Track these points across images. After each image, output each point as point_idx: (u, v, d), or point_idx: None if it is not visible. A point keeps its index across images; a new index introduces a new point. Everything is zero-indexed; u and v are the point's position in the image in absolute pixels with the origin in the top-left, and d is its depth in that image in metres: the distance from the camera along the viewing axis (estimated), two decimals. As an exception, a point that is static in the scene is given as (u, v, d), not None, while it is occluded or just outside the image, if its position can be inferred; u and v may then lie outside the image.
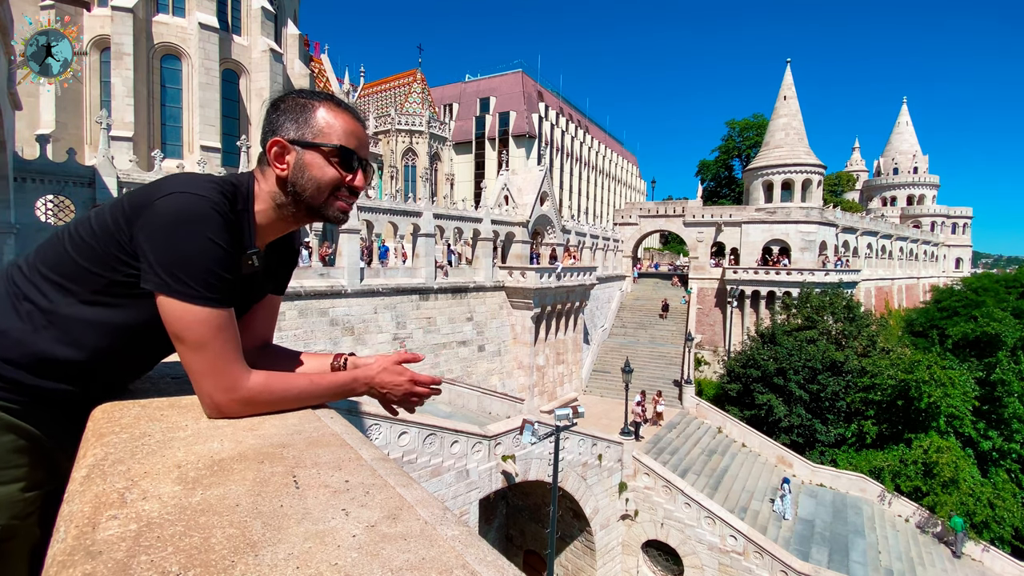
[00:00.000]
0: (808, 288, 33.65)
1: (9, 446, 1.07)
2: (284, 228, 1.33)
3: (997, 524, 21.76)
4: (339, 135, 1.22)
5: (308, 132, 1.22)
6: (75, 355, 1.11)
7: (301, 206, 1.25)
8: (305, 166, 1.22)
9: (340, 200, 1.27)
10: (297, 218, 1.29)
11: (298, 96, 1.26)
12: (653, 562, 19.39)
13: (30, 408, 1.10)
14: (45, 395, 1.11)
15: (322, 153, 1.21)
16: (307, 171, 1.22)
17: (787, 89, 44.06)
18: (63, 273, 1.10)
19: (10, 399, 1.08)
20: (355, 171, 1.26)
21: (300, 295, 17.43)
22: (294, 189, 1.23)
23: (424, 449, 12.76)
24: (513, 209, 28.74)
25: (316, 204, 1.25)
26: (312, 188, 1.23)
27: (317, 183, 1.22)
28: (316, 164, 1.22)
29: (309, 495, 0.84)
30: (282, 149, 1.22)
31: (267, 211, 1.26)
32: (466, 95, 63.72)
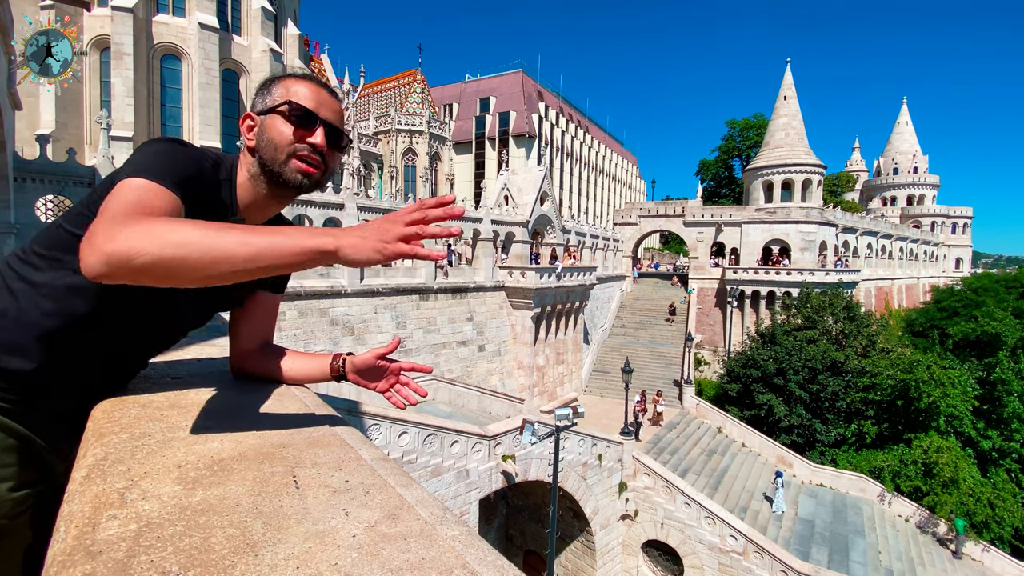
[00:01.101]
0: (808, 288, 33.66)
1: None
2: (266, 207, 1.32)
3: (997, 524, 21.75)
4: (298, 97, 1.23)
5: (269, 100, 1.24)
6: (67, 326, 1.10)
7: (266, 173, 1.25)
8: (265, 130, 1.23)
9: (300, 160, 1.23)
10: (269, 189, 1.27)
11: (271, 76, 1.31)
12: (653, 562, 19.39)
13: (23, 406, 1.10)
14: (39, 386, 1.11)
15: (280, 114, 1.22)
16: (266, 134, 1.23)
17: (787, 89, 44.06)
18: (56, 247, 1.11)
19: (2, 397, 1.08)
20: (313, 129, 1.24)
21: (300, 295, 17.44)
22: (259, 156, 1.24)
23: (424, 449, 12.76)
24: (513, 209, 28.74)
25: (275, 167, 1.23)
26: (270, 149, 1.23)
27: (274, 144, 1.22)
28: (274, 126, 1.22)
29: (309, 495, 0.84)
30: (251, 122, 1.26)
31: (245, 184, 1.27)
32: (466, 95, 63.73)
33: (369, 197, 22.78)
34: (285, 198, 1.33)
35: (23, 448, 1.11)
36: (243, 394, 1.33)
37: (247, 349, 1.47)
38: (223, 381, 1.43)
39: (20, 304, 1.08)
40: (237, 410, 1.22)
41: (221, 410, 1.21)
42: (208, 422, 1.11)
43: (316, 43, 54.75)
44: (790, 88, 44.02)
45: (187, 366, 1.56)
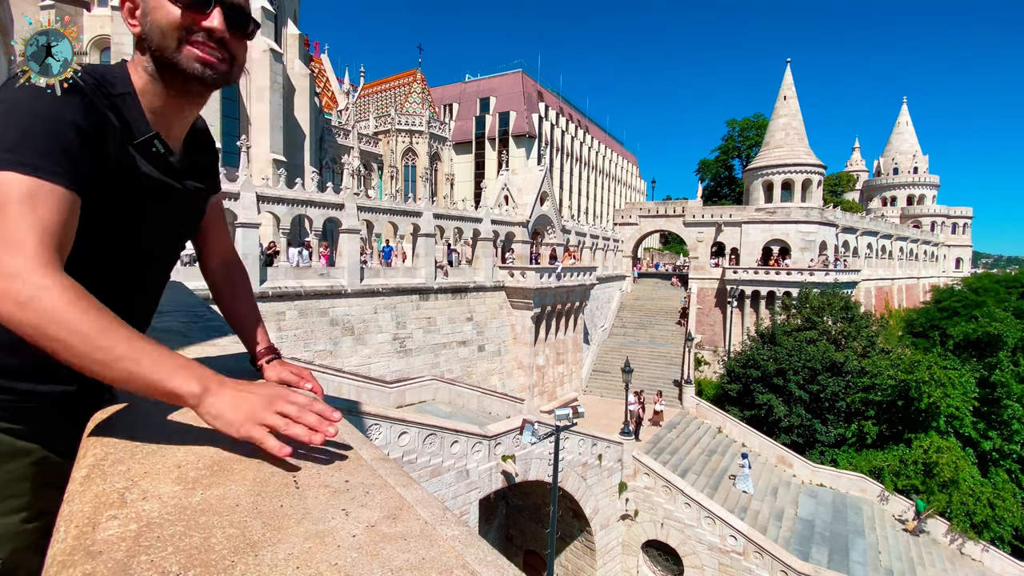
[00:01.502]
0: (807, 288, 33.67)
1: (10, 475, 1.00)
2: (179, 106, 1.12)
3: (997, 524, 21.77)
4: None
5: None
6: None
7: (161, 66, 1.04)
8: (149, 11, 1.02)
9: (194, 47, 1.03)
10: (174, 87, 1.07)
11: None
12: (653, 562, 19.39)
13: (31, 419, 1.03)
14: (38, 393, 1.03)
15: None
16: (149, 16, 1.02)
17: (787, 89, 44.06)
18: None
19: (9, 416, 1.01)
20: (207, 11, 1.03)
21: (300, 295, 17.43)
22: (148, 45, 1.04)
23: (424, 449, 12.76)
24: (513, 209, 28.74)
25: (167, 56, 1.03)
26: (157, 34, 1.02)
27: (159, 27, 1.01)
28: (158, 6, 1.01)
29: (309, 495, 0.84)
30: (132, 4, 1.04)
31: (148, 87, 1.07)
32: (466, 95, 63.74)
33: (369, 197, 22.78)
34: (198, 96, 1.12)
35: (39, 473, 1.03)
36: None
37: (210, 267, 1.49)
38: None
39: None
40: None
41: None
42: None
43: (316, 43, 54.79)
44: (790, 88, 44.02)
45: (187, 366, 1.55)
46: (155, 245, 1.20)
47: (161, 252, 1.25)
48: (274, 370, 1.39)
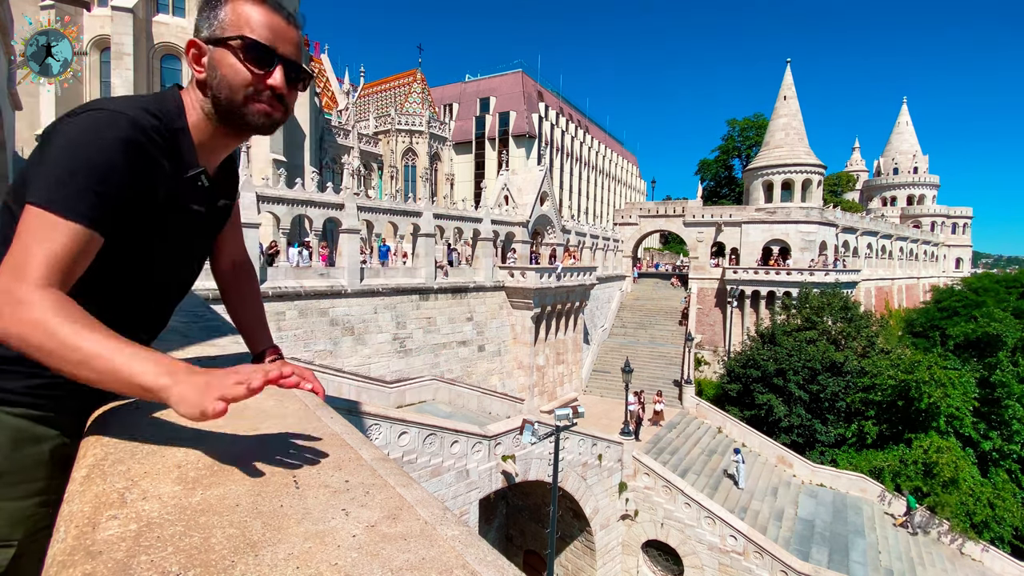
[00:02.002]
0: (807, 288, 33.67)
1: (28, 459, 1.04)
2: (225, 143, 1.21)
3: (997, 524, 21.77)
4: (250, 28, 1.09)
5: (217, 27, 1.09)
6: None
7: (222, 113, 1.13)
8: (216, 65, 1.09)
9: (259, 103, 1.12)
10: (228, 128, 1.16)
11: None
12: (653, 562, 19.39)
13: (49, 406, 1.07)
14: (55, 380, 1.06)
15: (231, 49, 1.08)
16: (218, 70, 1.10)
17: (787, 89, 44.06)
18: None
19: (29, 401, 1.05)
20: (272, 69, 1.11)
21: (300, 295, 17.43)
22: (213, 93, 1.11)
23: (424, 449, 12.76)
24: (513, 209, 28.74)
25: (233, 108, 1.11)
26: (226, 88, 1.10)
27: (229, 83, 1.09)
28: (225, 61, 1.09)
29: (309, 495, 0.84)
30: (198, 50, 1.11)
31: (202, 124, 1.15)
32: (466, 95, 63.74)
33: (369, 197, 22.78)
34: (242, 137, 1.22)
35: (58, 459, 1.08)
36: (243, 394, 1.33)
37: (221, 266, 1.53)
38: (223, 381, 1.43)
39: None
40: (237, 410, 1.22)
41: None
42: (208, 422, 1.11)
43: (316, 43, 54.79)
44: (790, 88, 44.03)
45: (187, 366, 1.55)
46: (187, 263, 1.29)
47: (191, 267, 1.32)
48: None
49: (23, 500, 1.03)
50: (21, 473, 1.03)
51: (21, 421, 1.04)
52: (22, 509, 1.03)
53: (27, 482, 1.04)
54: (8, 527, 1.01)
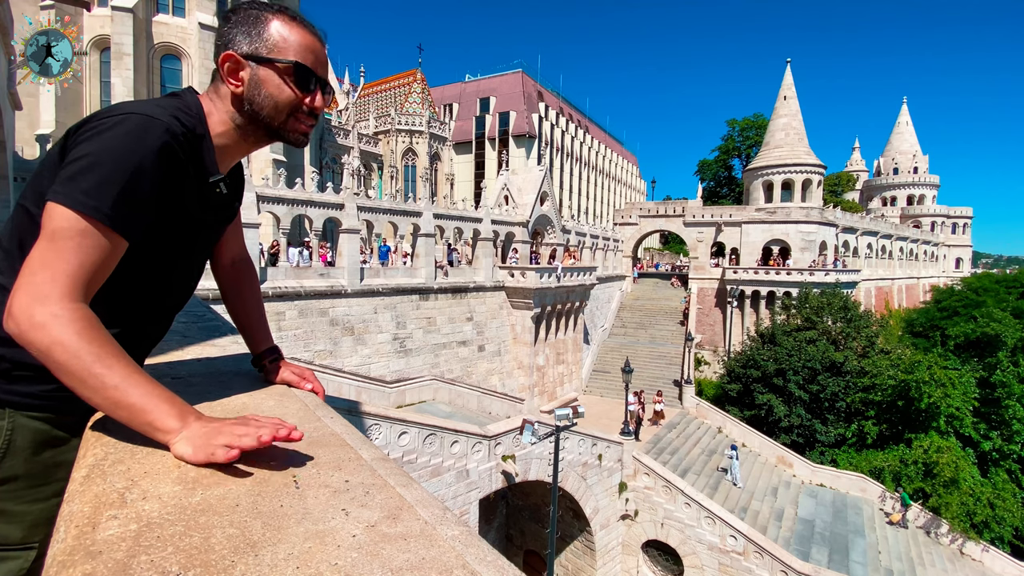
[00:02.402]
0: (807, 288, 33.67)
1: (49, 461, 1.06)
2: (245, 150, 1.24)
3: (997, 524, 21.76)
4: (295, 51, 1.13)
5: (262, 46, 1.12)
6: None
7: (259, 126, 1.17)
8: (260, 83, 1.12)
9: (299, 122, 1.18)
10: (257, 138, 1.21)
11: (250, 7, 1.15)
12: (653, 562, 19.39)
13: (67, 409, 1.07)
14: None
15: (276, 70, 1.12)
16: (263, 88, 1.13)
17: (787, 89, 44.06)
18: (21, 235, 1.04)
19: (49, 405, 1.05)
20: (313, 91, 1.17)
21: (300, 295, 17.43)
22: (251, 108, 1.14)
23: (424, 449, 12.76)
24: (513, 209, 28.74)
25: (274, 125, 1.16)
26: (269, 107, 1.14)
27: (274, 102, 1.13)
28: (272, 82, 1.12)
29: (309, 495, 0.84)
30: (236, 64, 1.13)
31: (227, 133, 1.17)
32: (466, 95, 63.72)
33: (369, 197, 22.76)
34: (262, 146, 1.26)
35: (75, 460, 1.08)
36: (243, 394, 1.33)
37: (221, 264, 1.54)
38: (223, 381, 1.43)
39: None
40: (237, 410, 1.22)
41: (221, 410, 1.21)
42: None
43: (316, 43, 54.69)
44: (790, 88, 44.02)
45: (187, 366, 1.56)
46: (196, 264, 1.30)
47: (198, 269, 1.34)
48: (276, 371, 1.42)
49: (44, 502, 1.04)
50: (42, 476, 1.04)
51: (42, 424, 1.05)
52: (43, 511, 1.03)
53: (48, 484, 1.05)
54: (31, 529, 1.02)
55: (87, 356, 0.86)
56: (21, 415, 1.03)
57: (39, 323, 0.85)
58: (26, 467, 1.02)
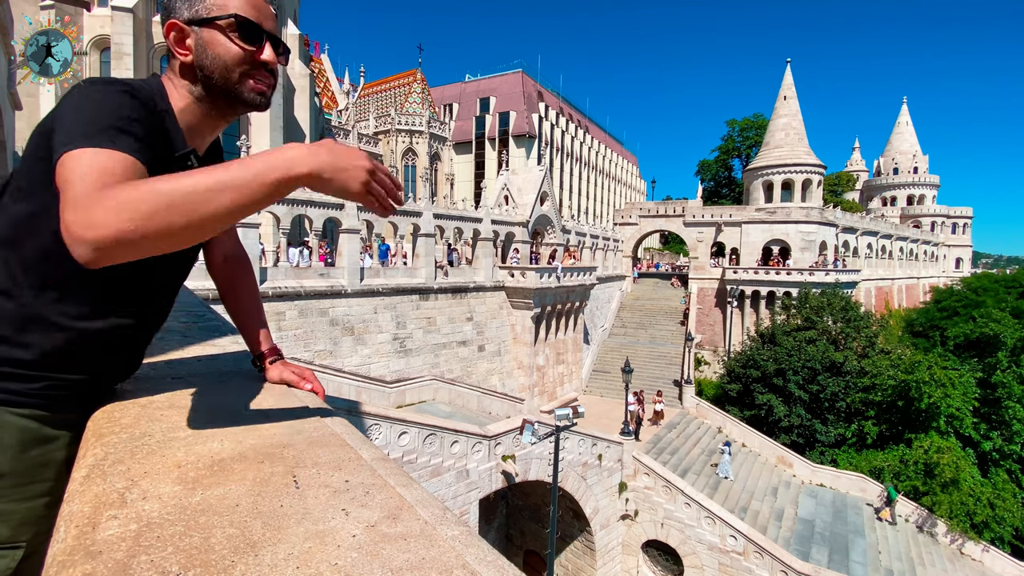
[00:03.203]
0: (807, 288, 33.67)
1: (36, 460, 1.04)
2: (215, 125, 1.21)
3: (997, 524, 21.76)
4: (235, 5, 1.10)
5: (201, 8, 1.09)
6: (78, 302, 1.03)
7: (216, 94, 1.13)
8: (206, 45, 1.09)
9: (254, 80, 1.14)
10: (219, 109, 1.17)
11: None
12: (653, 562, 19.39)
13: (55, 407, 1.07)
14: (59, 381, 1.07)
15: (219, 28, 1.09)
16: (209, 50, 1.09)
17: (787, 89, 44.06)
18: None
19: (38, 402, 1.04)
20: (262, 44, 1.13)
21: (300, 295, 17.43)
22: (203, 74, 1.11)
23: (424, 449, 12.76)
24: (513, 209, 28.74)
25: (229, 87, 1.12)
26: (220, 69, 1.10)
27: (223, 62, 1.10)
28: (217, 41, 1.09)
29: (309, 495, 0.84)
30: (180, 32, 1.10)
31: (189, 108, 1.14)
32: (466, 95, 63.72)
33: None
34: (230, 118, 1.22)
35: (64, 459, 1.07)
36: (243, 394, 1.33)
37: (214, 261, 1.52)
38: (223, 381, 1.43)
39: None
40: (237, 410, 1.22)
41: (221, 410, 1.21)
42: (208, 422, 1.11)
43: (316, 43, 54.83)
44: (790, 88, 44.03)
45: (187, 366, 1.56)
46: (181, 254, 1.24)
47: (185, 258, 1.28)
48: (276, 370, 1.42)
49: (31, 501, 1.03)
50: (29, 474, 1.03)
51: (29, 422, 1.03)
52: (30, 510, 1.02)
53: (35, 483, 1.03)
54: (17, 528, 1.01)
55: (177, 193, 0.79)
56: (7, 412, 1.01)
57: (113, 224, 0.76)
58: (12, 465, 1.01)
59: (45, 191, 0.95)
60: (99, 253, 0.77)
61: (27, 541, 1.01)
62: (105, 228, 0.76)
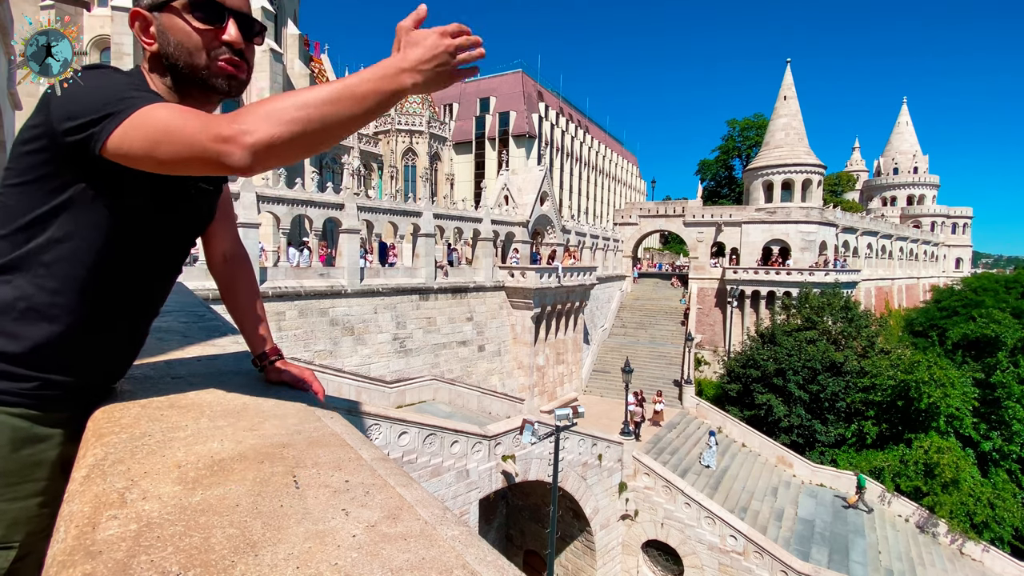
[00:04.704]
0: (807, 288, 33.67)
1: (28, 460, 1.03)
2: None
3: (997, 524, 21.77)
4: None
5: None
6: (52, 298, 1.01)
7: (185, 82, 1.09)
8: (167, 31, 1.05)
9: (220, 63, 1.08)
10: (195, 99, 1.12)
11: None
12: (653, 562, 19.39)
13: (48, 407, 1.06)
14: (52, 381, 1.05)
15: (176, 11, 1.04)
16: (170, 36, 1.05)
17: (787, 89, 44.06)
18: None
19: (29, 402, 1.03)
20: (223, 24, 1.07)
21: (300, 295, 17.43)
22: (169, 62, 1.07)
23: (424, 449, 12.76)
24: (513, 209, 28.73)
25: (196, 74, 1.07)
26: (184, 54, 1.05)
27: (186, 48, 1.05)
28: (176, 26, 1.04)
29: (309, 495, 0.84)
30: (144, 21, 1.06)
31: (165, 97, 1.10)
32: (466, 95, 63.70)
33: (369, 197, 22.75)
34: (210, 108, 1.16)
35: (56, 459, 1.06)
36: (243, 394, 1.33)
37: (214, 261, 1.51)
38: (223, 381, 1.43)
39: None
40: (237, 410, 1.22)
41: (221, 410, 1.21)
42: (208, 422, 1.11)
43: (316, 43, 54.76)
44: (790, 88, 44.03)
45: (187, 366, 1.56)
46: (174, 246, 1.23)
47: (176, 251, 1.26)
48: (276, 370, 1.42)
49: (23, 501, 1.02)
50: (20, 474, 1.02)
51: (20, 421, 1.02)
52: (22, 510, 1.01)
53: (27, 483, 1.02)
54: (8, 529, 1.00)
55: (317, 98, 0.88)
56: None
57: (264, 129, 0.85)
58: (3, 464, 0.99)
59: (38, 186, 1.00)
60: (256, 158, 0.86)
61: (20, 542, 1.00)
62: (259, 134, 0.85)
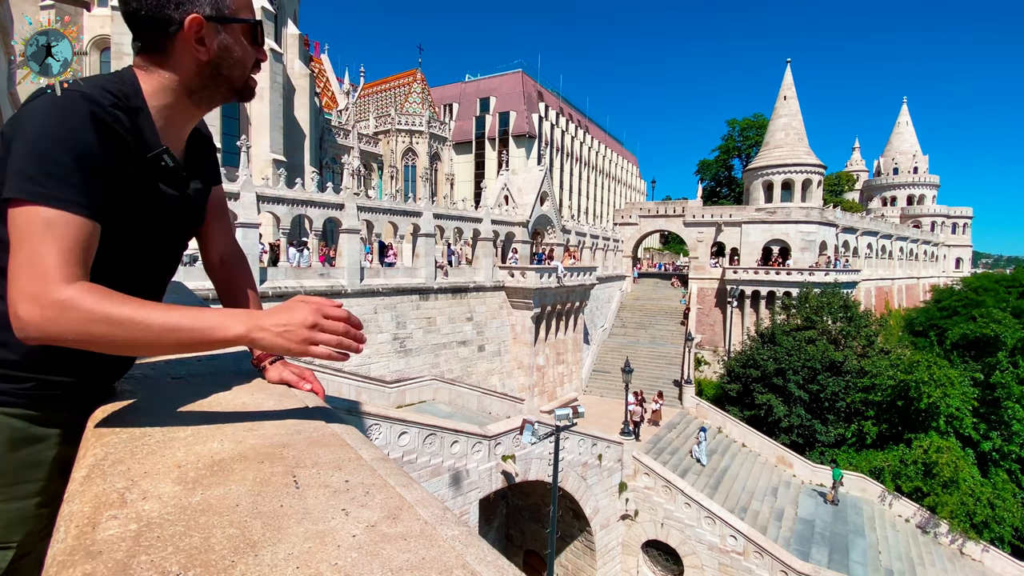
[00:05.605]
0: (807, 288, 33.67)
1: (25, 460, 1.03)
2: (191, 116, 1.19)
3: (997, 524, 21.76)
4: (249, 9, 1.13)
5: (225, 8, 1.09)
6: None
7: (219, 90, 1.15)
8: (230, 47, 1.11)
9: (252, 77, 1.20)
10: (212, 102, 1.18)
11: None
12: (653, 562, 19.39)
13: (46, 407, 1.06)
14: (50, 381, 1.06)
15: (236, 31, 1.12)
16: (231, 52, 1.11)
17: (787, 89, 44.07)
18: None
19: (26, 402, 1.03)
20: (262, 44, 1.19)
21: (300, 295, 17.41)
22: (218, 72, 1.12)
23: (424, 449, 12.76)
24: (513, 209, 28.74)
25: (238, 84, 1.16)
26: (238, 68, 1.14)
27: (243, 65, 1.14)
28: (238, 44, 1.12)
29: (309, 495, 0.84)
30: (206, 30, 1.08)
31: (167, 101, 1.10)
32: (466, 95, 63.70)
33: (369, 197, 22.75)
34: (209, 109, 1.22)
35: (55, 459, 1.06)
36: (243, 394, 1.33)
37: (211, 262, 1.51)
38: (223, 381, 1.43)
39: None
40: (237, 410, 1.22)
41: (221, 410, 1.21)
42: (208, 422, 1.11)
43: (316, 43, 54.79)
44: (790, 88, 44.03)
45: (187, 366, 1.56)
46: (163, 249, 1.24)
47: (168, 254, 1.28)
48: (276, 370, 1.42)
49: (21, 501, 1.02)
50: (18, 474, 1.02)
51: (18, 422, 1.02)
52: (20, 510, 1.01)
53: (25, 483, 1.02)
54: (6, 529, 1.00)
55: (125, 316, 0.87)
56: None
57: (58, 315, 0.84)
58: (0, 465, 1.00)
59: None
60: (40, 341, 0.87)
61: (18, 542, 1.00)
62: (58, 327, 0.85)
